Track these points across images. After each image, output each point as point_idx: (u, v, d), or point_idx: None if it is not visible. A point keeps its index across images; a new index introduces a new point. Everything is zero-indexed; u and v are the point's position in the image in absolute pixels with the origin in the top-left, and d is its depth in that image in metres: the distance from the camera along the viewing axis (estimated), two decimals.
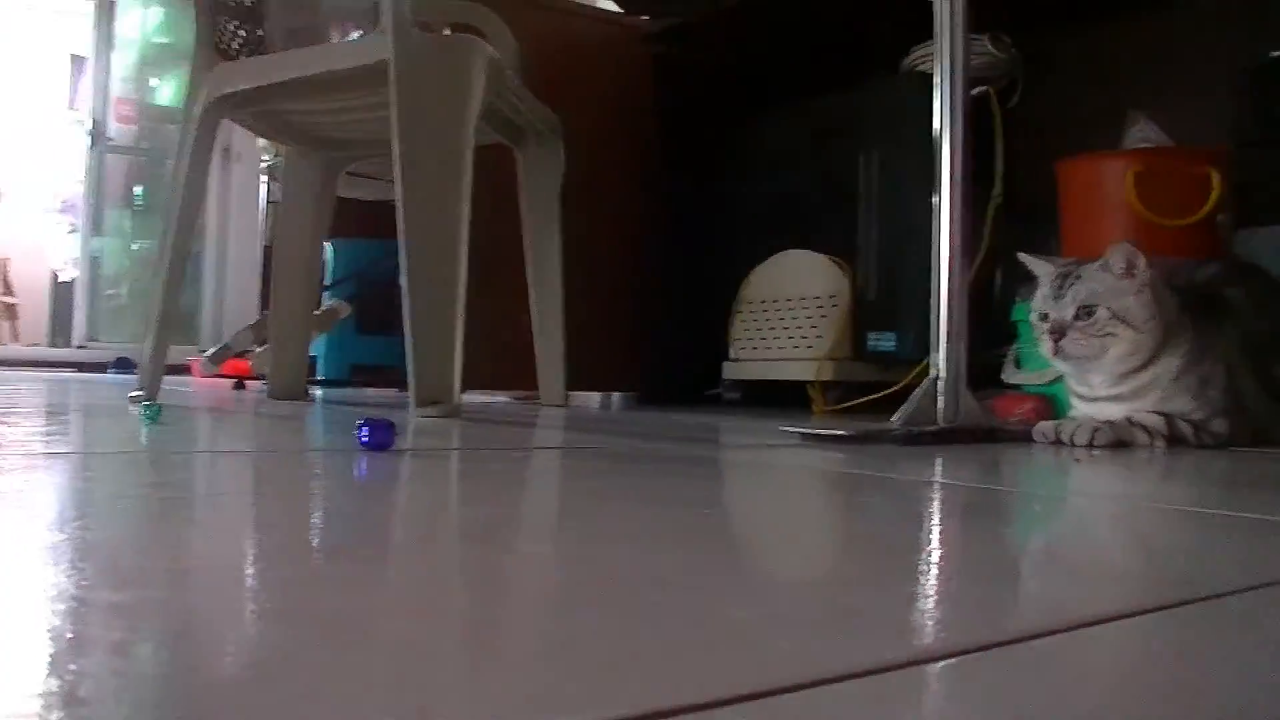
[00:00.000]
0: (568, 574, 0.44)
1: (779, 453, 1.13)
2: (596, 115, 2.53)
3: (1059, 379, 1.52)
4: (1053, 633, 0.35)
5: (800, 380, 2.19)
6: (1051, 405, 1.78)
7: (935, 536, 0.60)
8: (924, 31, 1.52)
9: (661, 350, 2.48)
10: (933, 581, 0.45)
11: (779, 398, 2.30)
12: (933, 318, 1.35)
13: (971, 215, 1.39)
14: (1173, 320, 1.34)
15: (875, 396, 1.99)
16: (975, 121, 1.43)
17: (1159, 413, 1.33)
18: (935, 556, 0.52)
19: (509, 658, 0.31)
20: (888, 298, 2.11)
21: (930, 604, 0.40)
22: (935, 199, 1.36)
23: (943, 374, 1.32)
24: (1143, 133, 1.82)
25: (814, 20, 2.44)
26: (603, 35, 2.67)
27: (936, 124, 1.38)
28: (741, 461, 1.08)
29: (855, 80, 2.34)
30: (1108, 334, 1.31)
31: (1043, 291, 1.37)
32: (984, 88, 2.02)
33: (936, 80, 1.38)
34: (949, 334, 1.33)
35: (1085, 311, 1.31)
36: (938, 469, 0.97)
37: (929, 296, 1.38)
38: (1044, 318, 1.35)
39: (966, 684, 0.30)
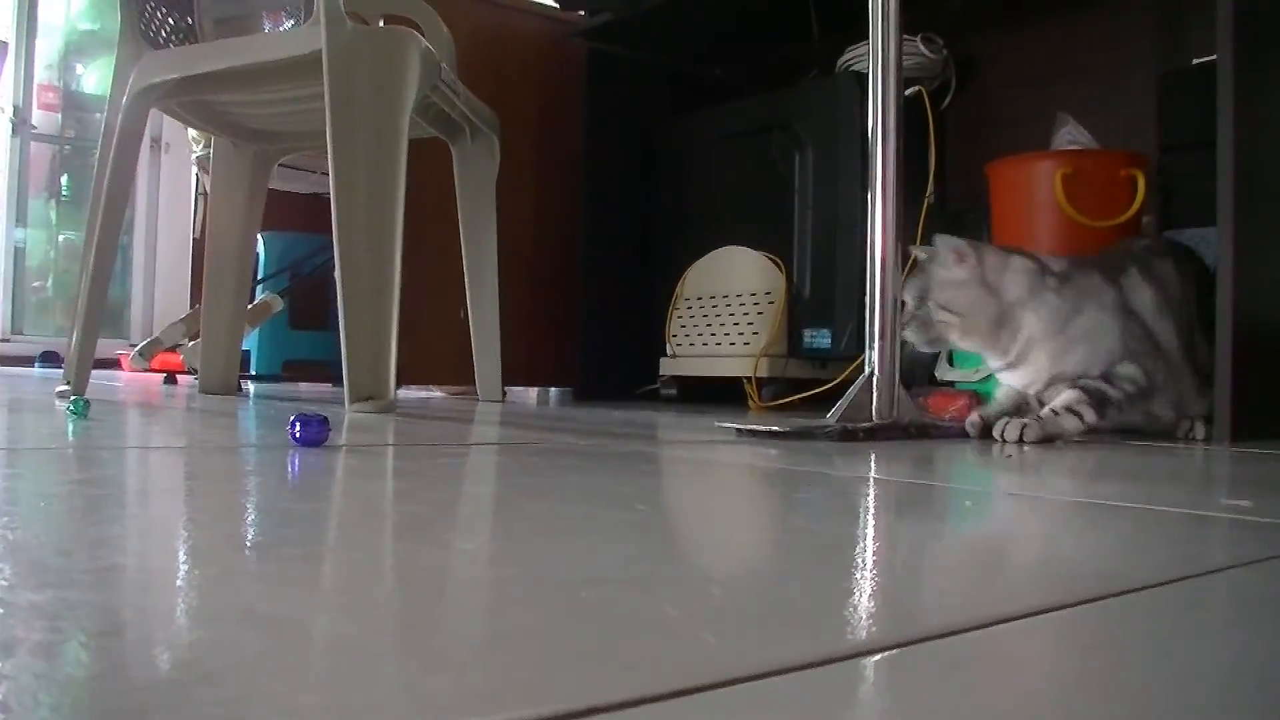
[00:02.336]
0: (502, 571, 0.44)
1: (715, 449, 1.14)
2: (530, 110, 2.53)
3: (991, 376, 1.55)
4: (982, 626, 0.36)
5: (737, 377, 2.21)
6: (983, 402, 1.81)
7: (868, 532, 0.60)
8: (859, 32, 1.53)
9: (599, 346, 2.49)
10: (865, 576, 0.45)
11: (716, 394, 2.32)
12: (867, 315, 1.36)
13: (905, 214, 1.41)
14: (1024, 296, 1.42)
15: (811, 393, 2.01)
16: (908, 122, 1.45)
17: (1072, 386, 1.39)
18: (868, 552, 0.53)
19: (444, 655, 0.30)
20: (823, 295, 2.13)
21: (863, 599, 0.41)
22: (869, 197, 1.38)
23: (877, 371, 1.33)
24: (1070, 135, 1.86)
25: (750, 19, 2.46)
26: (536, 30, 2.66)
27: (871, 123, 1.39)
28: (678, 457, 1.08)
29: (790, 78, 2.36)
30: (940, 322, 1.42)
31: (912, 291, 1.45)
32: (917, 88, 2.05)
33: (871, 79, 1.40)
34: (883, 331, 1.34)
35: (920, 301, 1.43)
36: (872, 465, 0.99)
37: (863, 294, 1.39)
38: (901, 303, 1.43)
39: (898, 678, 0.30)
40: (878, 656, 0.31)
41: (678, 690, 0.27)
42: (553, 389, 2.36)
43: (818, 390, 1.98)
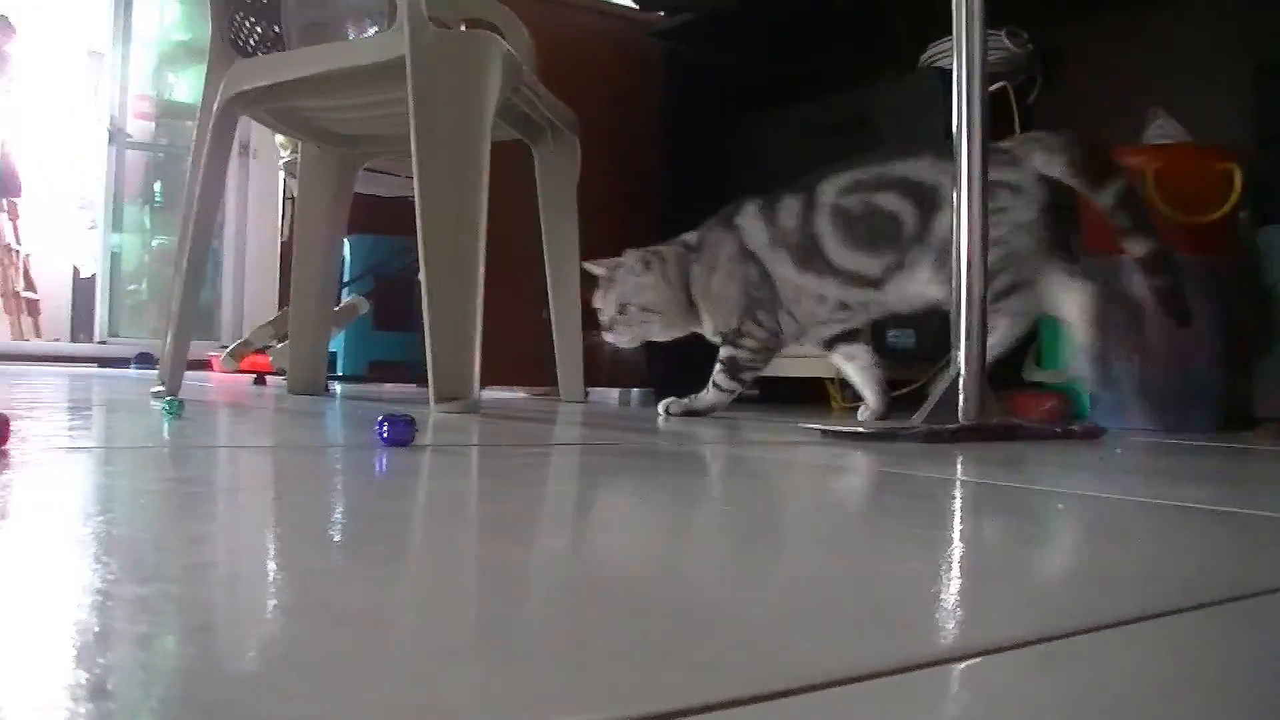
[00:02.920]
0: (587, 571, 0.44)
1: (799, 450, 1.13)
2: (608, 110, 2.54)
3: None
4: (1076, 633, 0.35)
5: (819, 377, 2.19)
6: (1072, 402, 1.77)
7: (955, 534, 0.59)
8: (942, 27, 1.51)
9: (681, 347, 2.48)
10: (952, 580, 0.45)
11: (797, 395, 2.30)
12: (952, 315, 1.34)
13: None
14: (685, 278, 1.70)
15: (894, 394, 1.98)
16: (993, 118, 1.42)
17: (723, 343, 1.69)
18: (957, 555, 0.52)
19: (529, 654, 0.31)
20: None
21: (949, 603, 0.40)
22: (954, 195, 1.36)
23: (964, 371, 1.31)
24: (1162, 129, 1.81)
25: (830, 16, 2.44)
26: (613, 31, 2.67)
27: (955, 121, 1.37)
28: (762, 458, 1.08)
29: (871, 76, 2.33)
30: (643, 322, 1.70)
31: (598, 291, 1.74)
32: (1001, 84, 2.02)
33: (955, 76, 1.38)
34: (969, 331, 1.32)
35: (622, 308, 1.69)
36: (959, 467, 0.97)
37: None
38: (600, 312, 1.73)
39: (989, 684, 0.30)
40: (965, 664, 0.31)
41: (763, 694, 0.27)
42: (634, 390, 2.36)
43: (901, 391, 1.95)
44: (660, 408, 1.69)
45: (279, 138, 3.03)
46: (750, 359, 1.67)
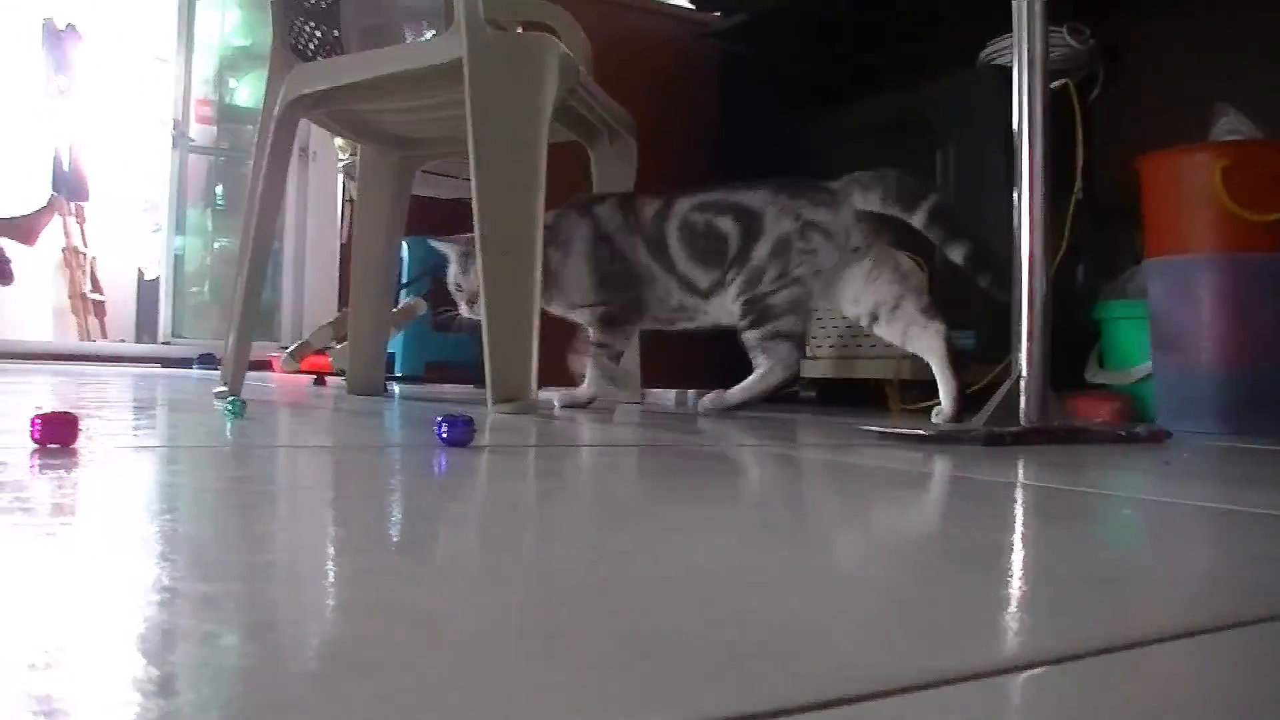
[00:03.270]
0: (644, 572, 0.44)
1: (858, 452, 1.12)
2: (664, 111, 2.53)
3: (1147, 378, 1.49)
4: (1145, 643, 0.34)
5: (877, 379, 2.17)
6: (1137, 405, 1.74)
7: (1018, 539, 0.59)
8: (1000, 24, 1.49)
9: (737, 347, 2.47)
10: (1015, 586, 0.44)
11: (855, 397, 2.28)
12: (1014, 316, 1.32)
13: (1052, 211, 1.36)
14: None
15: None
16: (1054, 116, 1.40)
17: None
18: (1018, 560, 0.51)
19: (589, 656, 0.30)
20: (965, 295, 2.08)
21: (1012, 610, 0.39)
22: (1015, 195, 1.34)
23: (1025, 373, 1.30)
24: (1230, 125, 1.77)
25: (886, 14, 2.42)
26: (669, 31, 2.67)
27: (1016, 119, 1.35)
28: (821, 460, 1.07)
29: (929, 74, 2.31)
30: None
31: (453, 268, 1.84)
32: (1063, 81, 1.99)
33: (1015, 73, 1.36)
34: (1031, 332, 1.30)
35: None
36: (1020, 470, 0.96)
37: (1008, 294, 1.36)
38: (459, 288, 1.83)
39: (1057, 693, 0.29)
40: (1031, 672, 0.30)
41: (823, 701, 0.26)
42: (691, 391, 2.35)
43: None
44: (555, 400, 1.75)
45: (338, 140, 3.06)
46: (610, 334, 1.80)
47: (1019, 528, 0.63)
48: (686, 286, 1.76)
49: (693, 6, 2.73)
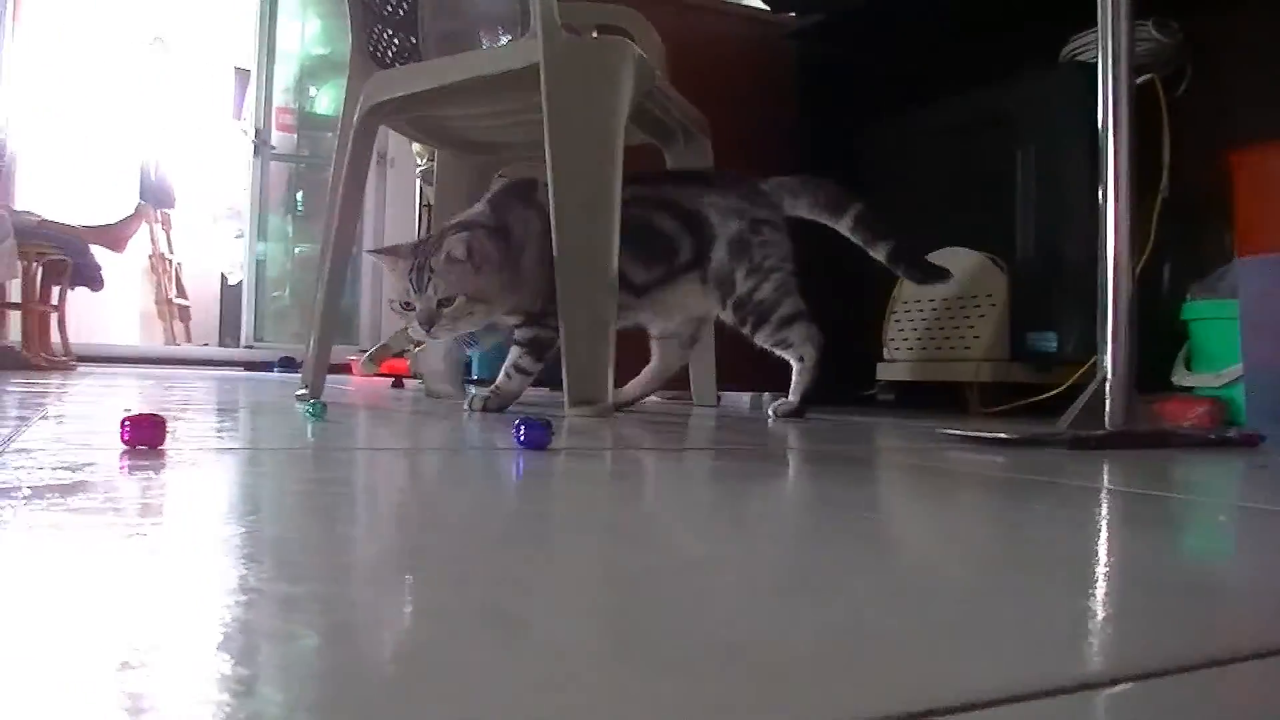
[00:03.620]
0: (725, 577, 0.43)
1: (939, 456, 1.10)
2: (740, 113, 2.52)
3: (1238, 380, 1.45)
4: (1242, 659, 0.33)
5: (956, 381, 2.14)
6: (1226, 408, 1.70)
7: (1105, 547, 0.57)
8: (1084, 19, 1.46)
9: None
10: (1101, 597, 0.43)
11: (934, 400, 2.25)
12: (1100, 317, 1.29)
13: (1138, 209, 1.33)
14: (494, 261, 1.58)
15: (1035, 399, 1.92)
16: (1140, 112, 1.37)
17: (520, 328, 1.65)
18: (1105, 569, 0.49)
19: (672, 661, 0.30)
20: (1047, 296, 2.04)
21: (1100, 622, 0.38)
22: (1100, 193, 1.31)
23: (1111, 375, 1.27)
24: None
25: (966, 11, 2.38)
26: (744, 33, 2.65)
27: (1100, 116, 1.32)
28: (901, 464, 1.06)
29: (1011, 71, 2.27)
30: (469, 314, 1.56)
31: (398, 284, 1.59)
32: (1148, 76, 1.94)
33: (1100, 70, 1.33)
34: (1116, 334, 1.27)
35: (446, 301, 1.53)
36: (1106, 475, 0.94)
37: (1092, 295, 1.33)
38: (406, 305, 1.57)
39: (1149, 710, 0.28)
40: (1120, 687, 0.29)
41: (903, 714, 0.25)
42: (765, 393, 2.34)
43: (1042, 396, 1.90)
44: (465, 404, 1.66)
45: (415, 146, 3.10)
46: (553, 337, 1.61)
47: (1105, 535, 0.61)
48: (620, 282, 1.62)
49: (768, 8, 2.71)
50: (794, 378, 1.75)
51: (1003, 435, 1.25)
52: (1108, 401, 1.26)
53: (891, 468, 1.02)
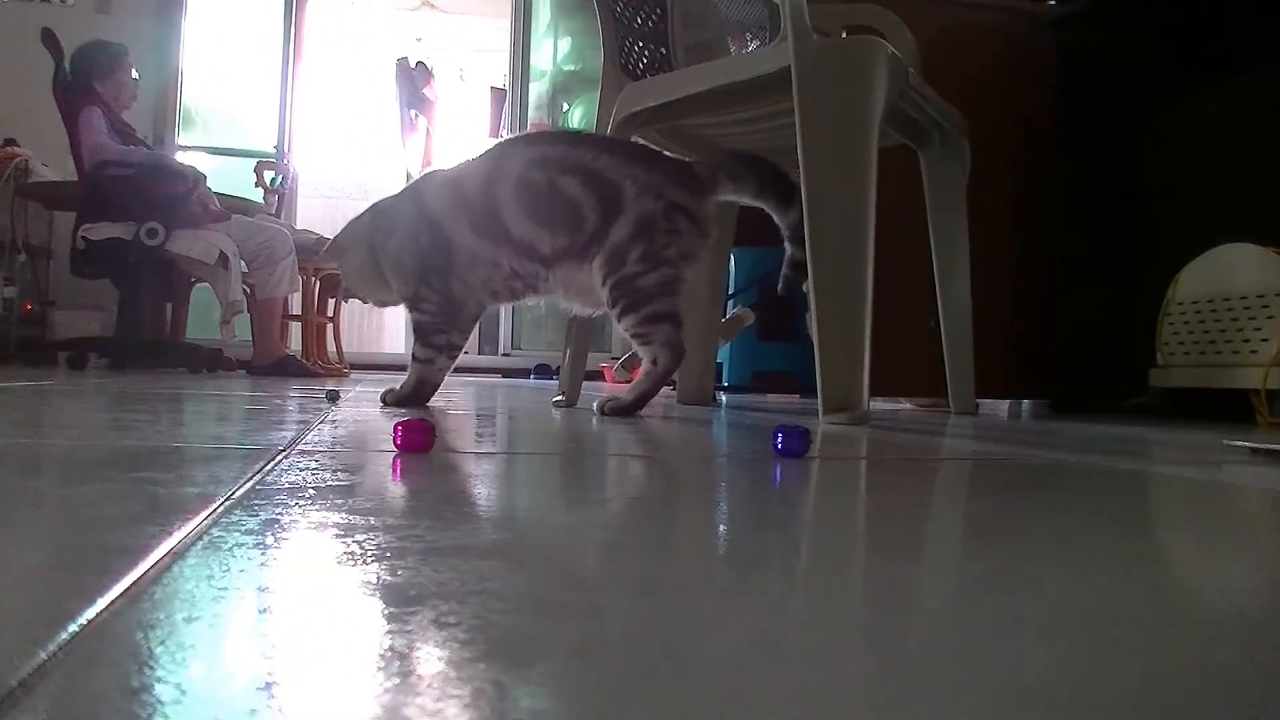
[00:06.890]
0: (991, 597, 0.41)
1: (1225, 470, 1.02)
2: (999, 109, 2.43)
3: None
4: None
5: (1241, 389, 1.98)
6: None
7: None
8: None
9: (1077, 356, 2.34)
10: None
11: (1214, 408, 2.10)
12: None
13: None
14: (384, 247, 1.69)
15: None
16: None
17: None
18: None
19: (930, 685, 0.28)
20: None
21: None
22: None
23: None
24: None
25: None
26: (999, 25, 2.55)
27: None
28: (1184, 478, 0.98)
29: None
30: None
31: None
32: None
33: None
34: None
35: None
36: None
37: None
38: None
39: None
40: None
41: None
42: (1025, 401, 2.24)
43: None
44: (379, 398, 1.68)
45: None
46: (433, 322, 1.67)
47: None
48: (524, 252, 1.61)
49: None
50: (639, 375, 1.66)
51: None
52: None
53: (1172, 482, 0.95)
